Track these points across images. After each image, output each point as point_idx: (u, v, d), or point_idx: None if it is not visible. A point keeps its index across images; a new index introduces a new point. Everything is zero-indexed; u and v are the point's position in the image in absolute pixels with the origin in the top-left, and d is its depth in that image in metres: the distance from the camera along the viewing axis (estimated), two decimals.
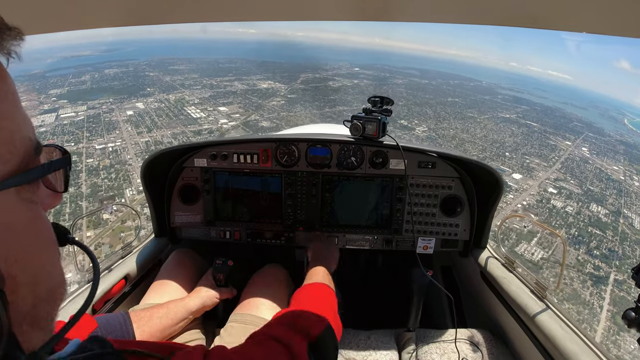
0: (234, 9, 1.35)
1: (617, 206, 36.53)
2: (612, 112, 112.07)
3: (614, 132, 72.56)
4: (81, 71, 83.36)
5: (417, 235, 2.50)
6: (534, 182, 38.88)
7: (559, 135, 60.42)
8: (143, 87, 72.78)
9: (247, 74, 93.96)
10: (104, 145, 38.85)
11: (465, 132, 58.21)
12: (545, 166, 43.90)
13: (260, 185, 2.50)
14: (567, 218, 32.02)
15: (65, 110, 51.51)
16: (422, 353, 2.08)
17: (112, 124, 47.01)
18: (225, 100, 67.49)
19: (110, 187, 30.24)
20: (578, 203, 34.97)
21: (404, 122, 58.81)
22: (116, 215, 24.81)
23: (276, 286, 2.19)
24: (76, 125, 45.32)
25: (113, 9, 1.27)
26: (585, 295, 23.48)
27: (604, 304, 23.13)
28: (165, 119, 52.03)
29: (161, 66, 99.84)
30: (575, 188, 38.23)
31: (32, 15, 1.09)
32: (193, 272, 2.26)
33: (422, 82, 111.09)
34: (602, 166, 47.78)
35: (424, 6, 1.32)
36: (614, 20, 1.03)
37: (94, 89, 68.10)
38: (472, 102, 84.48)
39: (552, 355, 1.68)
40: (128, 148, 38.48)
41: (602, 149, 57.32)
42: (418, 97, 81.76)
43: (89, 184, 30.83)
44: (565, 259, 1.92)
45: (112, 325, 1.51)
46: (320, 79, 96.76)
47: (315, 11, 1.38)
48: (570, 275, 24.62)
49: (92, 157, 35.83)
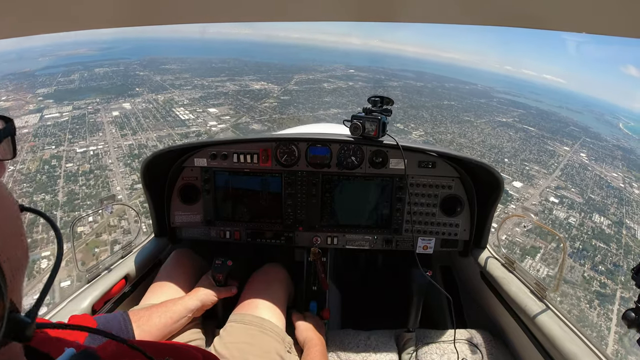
0: (232, 9, 1.36)
1: (619, 216, 35.36)
2: (607, 116, 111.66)
3: (610, 136, 71.78)
4: (71, 70, 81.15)
5: (416, 235, 2.52)
6: (535, 190, 37.78)
7: (556, 140, 59.49)
8: (132, 86, 70.60)
9: (239, 75, 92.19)
10: (85, 148, 36.96)
11: (463, 137, 57.14)
12: (545, 173, 42.88)
13: (260, 185, 2.51)
14: (571, 230, 30.87)
15: (50, 110, 49.46)
16: (422, 353, 2.10)
17: (96, 125, 45.11)
18: (215, 101, 65.70)
19: (87, 194, 28.44)
20: (580, 213, 33.82)
21: (400, 125, 57.50)
22: (91, 227, 23.19)
23: (276, 286, 2.24)
24: (59, 126, 43.39)
25: (111, 10, 1.29)
26: (593, 317, 22.35)
27: (612, 325, 21.89)
28: (152, 120, 50.15)
29: (152, 65, 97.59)
30: (576, 197, 37.13)
31: (32, 15, 1.11)
32: (192, 272, 2.28)
33: (417, 84, 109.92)
34: (602, 173, 46.74)
35: (421, 7, 1.34)
36: (614, 20, 1.06)
37: (82, 89, 65.93)
38: (468, 106, 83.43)
39: (551, 356, 1.70)
40: (110, 152, 36.59)
41: (601, 154, 56.24)
42: (414, 100, 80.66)
43: (65, 191, 28.97)
44: (565, 259, 1.93)
45: (112, 325, 1.52)
46: (315, 80, 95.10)
47: (312, 12, 1.38)
48: (577, 294, 23.48)
49: (72, 161, 33.91)
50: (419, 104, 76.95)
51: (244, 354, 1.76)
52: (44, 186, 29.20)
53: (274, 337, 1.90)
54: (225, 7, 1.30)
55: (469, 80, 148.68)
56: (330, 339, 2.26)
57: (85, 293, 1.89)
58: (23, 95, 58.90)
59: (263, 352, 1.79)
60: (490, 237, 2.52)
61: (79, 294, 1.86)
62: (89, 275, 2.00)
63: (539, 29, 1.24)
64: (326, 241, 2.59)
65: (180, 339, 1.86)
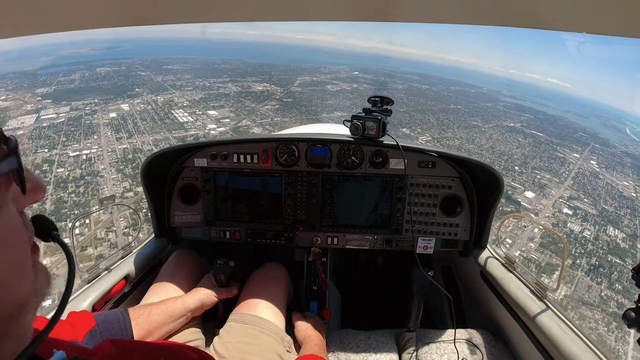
0: (233, 9, 1.36)
1: (632, 228, 34.13)
2: (613, 121, 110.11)
3: (618, 142, 70.27)
4: (73, 69, 79.95)
5: (417, 235, 2.53)
6: (547, 201, 36.55)
7: (566, 147, 58.21)
8: (132, 87, 69.06)
9: (242, 76, 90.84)
10: (78, 152, 35.49)
11: (471, 143, 55.98)
12: (557, 182, 41.67)
13: (260, 185, 2.53)
14: (586, 245, 29.67)
15: (47, 111, 48.05)
16: (422, 353, 2.10)
17: (92, 127, 43.69)
18: (216, 103, 64.28)
19: (76, 203, 27.11)
20: (595, 226, 32.65)
21: (406, 130, 56.39)
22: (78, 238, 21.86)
23: (275, 285, 2.24)
24: (55, 128, 41.99)
25: (111, 10, 1.29)
26: (611, 341, 21.18)
27: (629, 350, 20.77)
28: (150, 122, 48.75)
29: (154, 66, 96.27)
30: (590, 208, 35.92)
31: (31, 16, 1.13)
32: (193, 272, 2.29)
33: (422, 87, 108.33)
34: (613, 181, 45.55)
35: (424, 6, 1.34)
36: (615, 20, 1.07)
37: (82, 89, 64.62)
38: (474, 110, 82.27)
39: (551, 356, 1.71)
40: (104, 156, 35.22)
41: (611, 162, 55.13)
42: (420, 103, 79.27)
43: (54, 199, 27.60)
44: (565, 259, 1.94)
45: (111, 322, 1.52)
46: (318, 82, 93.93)
47: (315, 11, 1.38)
48: (595, 317, 22.49)
49: (64, 166, 32.59)
50: (424, 107, 75.79)
51: (243, 353, 1.75)
52: None
53: (273, 336, 1.89)
54: (224, 7, 1.30)
55: (474, 84, 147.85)
56: (330, 339, 2.24)
57: (85, 293, 1.89)
58: (22, 94, 57.87)
59: (262, 352, 1.79)
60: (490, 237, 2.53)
61: (79, 294, 1.86)
62: (89, 276, 2.00)
63: (540, 29, 1.22)
64: (326, 241, 2.59)
65: (180, 338, 1.86)
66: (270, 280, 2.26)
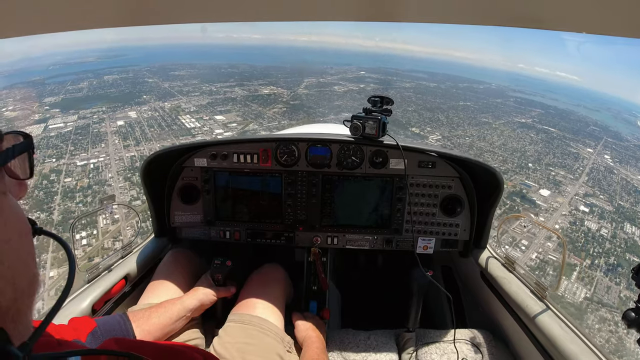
0: (234, 9, 1.35)
1: None
2: (624, 113, 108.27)
3: (630, 135, 69.07)
4: (81, 77, 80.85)
5: (417, 235, 2.52)
6: (563, 199, 35.72)
7: (579, 142, 57.34)
8: (139, 94, 69.47)
9: (248, 79, 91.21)
10: (86, 161, 35.60)
11: (483, 140, 55.21)
12: (571, 179, 40.85)
13: (260, 185, 2.52)
14: (604, 244, 28.94)
15: (55, 120, 48.45)
16: (422, 353, 2.09)
17: (100, 135, 43.82)
18: (223, 107, 64.33)
19: (83, 213, 26.62)
20: (612, 224, 31.83)
21: (416, 129, 55.83)
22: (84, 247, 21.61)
23: (274, 286, 2.23)
24: (62, 137, 42.21)
25: (111, 9, 1.29)
26: (630, 345, 20.16)
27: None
28: (157, 129, 48.85)
29: (162, 72, 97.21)
30: (606, 205, 35.05)
31: (32, 15, 1.13)
32: (189, 271, 2.28)
33: (430, 85, 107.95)
34: (628, 176, 44.57)
35: (424, 6, 1.34)
36: (617, 20, 1.06)
37: (90, 97, 65.12)
38: (484, 106, 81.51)
39: (551, 356, 1.70)
40: (111, 164, 35.18)
41: (624, 155, 53.95)
42: (428, 101, 78.69)
43: (62, 209, 27.56)
44: (565, 258, 1.94)
45: (112, 326, 1.52)
46: (325, 83, 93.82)
47: (318, 11, 1.38)
48: (615, 319, 21.86)
49: (72, 175, 32.58)
50: (433, 105, 75.20)
51: (243, 353, 1.74)
52: (40, 203, 27.83)
53: (273, 336, 1.88)
54: (224, 7, 1.29)
55: (482, 80, 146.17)
56: (330, 339, 2.22)
57: (85, 293, 1.88)
58: (30, 104, 58.38)
59: (262, 352, 1.78)
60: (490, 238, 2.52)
61: (78, 294, 1.86)
62: (89, 275, 1.99)
63: (541, 29, 1.22)
64: (326, 241, 2.58)
65: (180, 338, 1.86)
66: (269, 281, 2.26)
